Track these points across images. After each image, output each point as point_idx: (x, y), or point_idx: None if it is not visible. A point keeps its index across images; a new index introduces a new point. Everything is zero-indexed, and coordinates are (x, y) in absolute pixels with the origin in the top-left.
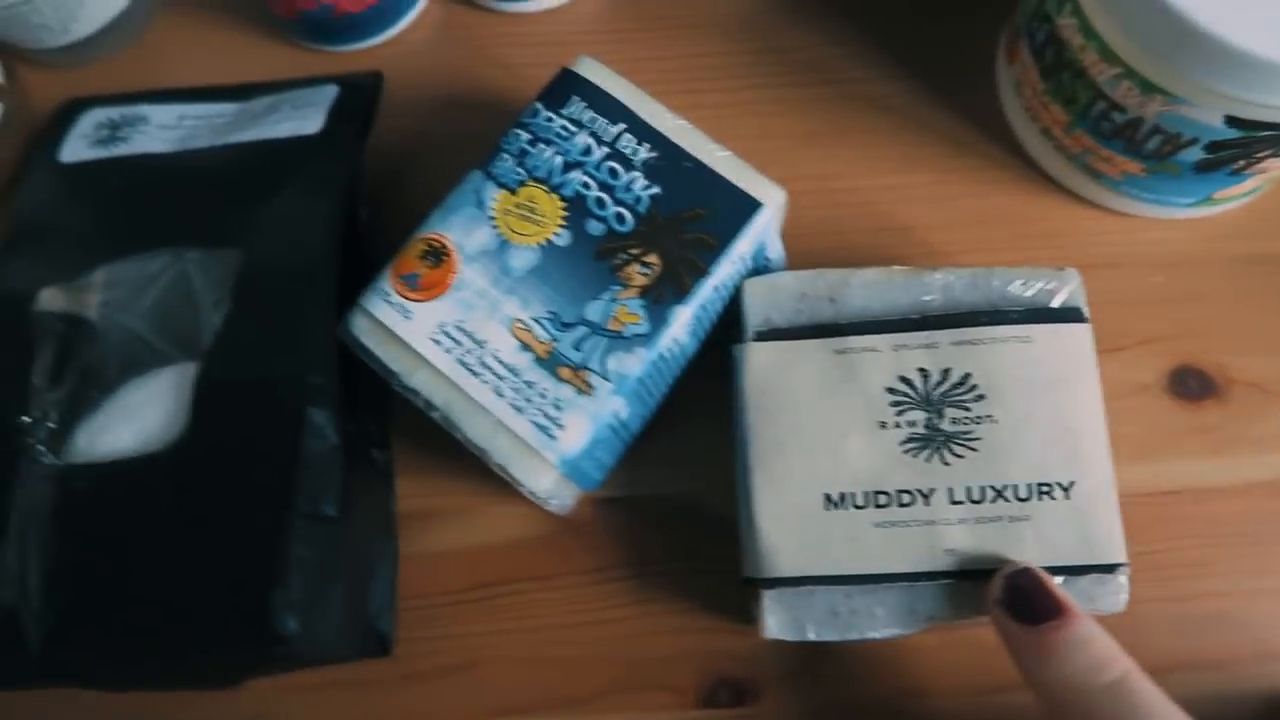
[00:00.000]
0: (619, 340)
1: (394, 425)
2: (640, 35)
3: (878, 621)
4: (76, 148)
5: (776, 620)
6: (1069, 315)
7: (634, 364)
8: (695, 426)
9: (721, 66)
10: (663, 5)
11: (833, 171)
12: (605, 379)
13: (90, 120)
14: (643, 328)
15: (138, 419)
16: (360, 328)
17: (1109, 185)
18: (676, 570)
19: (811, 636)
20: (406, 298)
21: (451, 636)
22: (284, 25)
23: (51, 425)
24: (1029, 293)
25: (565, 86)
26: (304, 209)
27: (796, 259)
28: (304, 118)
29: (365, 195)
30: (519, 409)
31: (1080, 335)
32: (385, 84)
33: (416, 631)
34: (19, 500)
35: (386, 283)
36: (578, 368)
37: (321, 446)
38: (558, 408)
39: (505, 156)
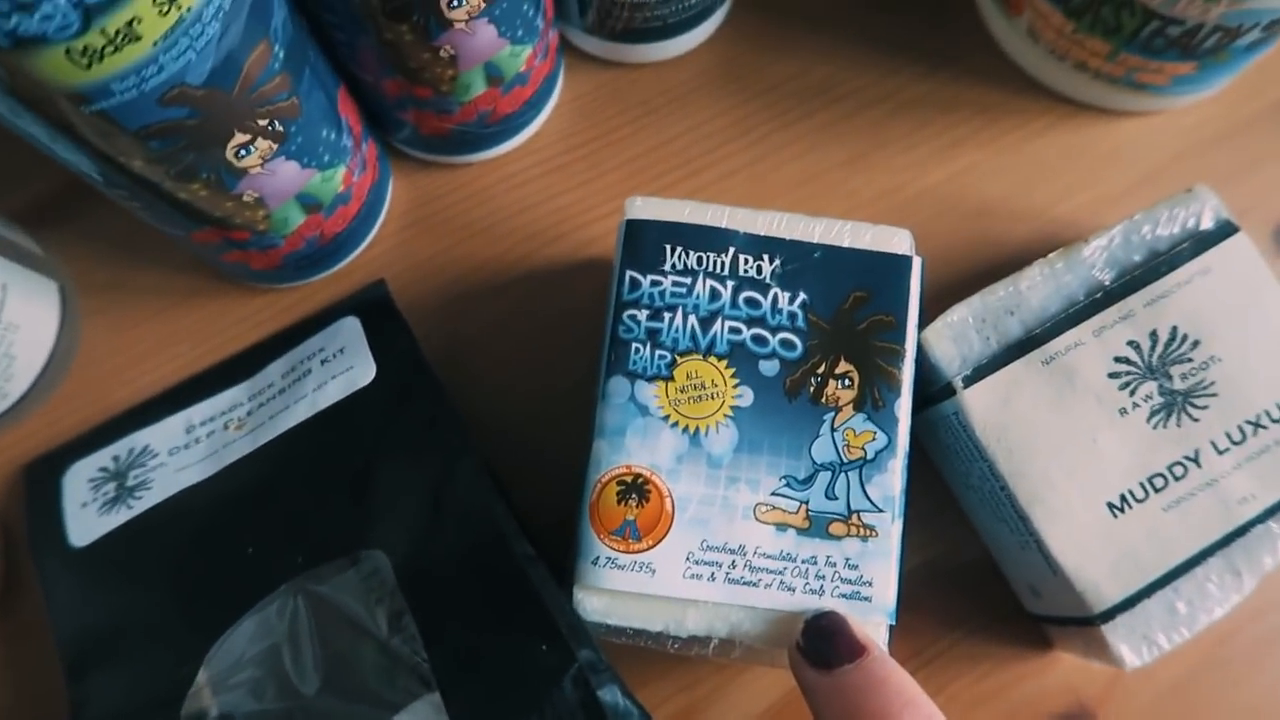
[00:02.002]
0: (868, 465)
1: None
2: (623, 131)
3: (1214, 598)
4: (84, 523)
5: (1129, 648)
6: (1225, 230)
7: (894, 480)
8: None
9: (724, 129)
10: (628, 92)
11: (896, 184)
12: (879, 509)
13: (79, 481)
14: (880, 440)
15: None
16: (598, 609)
17: (1154, 92)
18: (955, 640)
19: (1167, 646)
20: (635, 551)
21: None
22: (249, 275)
23: None
24: (1178, 227)
25: (643, 240)
26: (431, 469)
27: None
28: (348, 366)
29: None
30: (817, 592)
31: (1243, 244)
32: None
33: None
34: None
35: (600, 548)
36: (846, 517)
37: None
38: (852, 566)
39: (635, 347)
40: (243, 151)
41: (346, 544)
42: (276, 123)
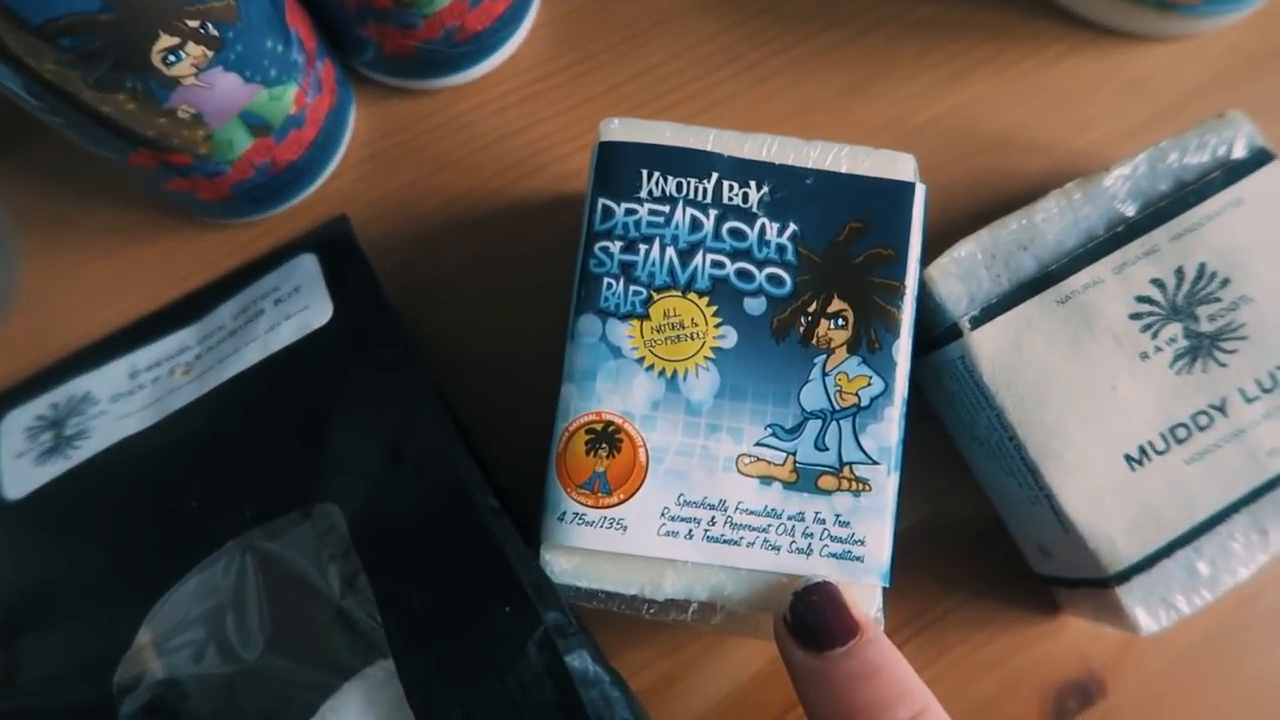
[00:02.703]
0: (861, 412)
1: None
2: (605, 56)
3: (1238, 558)
4: (20, 473)
5: (1145, 612)
6: (1260, 158)
7: (890, 429)
8: None
9: (714, 54)
10: (611, 12)
11: (901, 114)
12: (874, 461)
13: (14, 430)
14: (876, 385)
15: None
16: (567, 570)
17: (1183, 13)
18: (955, 604)
19: (1187, 610)
20: (606, 506)
21: None
22: (199, 208)
23: None
24: (1208, 155)
25: (617, 164)
26: (390, 417)
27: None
28: (302, 308)
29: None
30: (804, 551)
31: (1278, 173)
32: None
33: None
34: None
35: (568, 503)
36: (837, 469)
37: (600, 694)
38: (844, 524)
39: (607, 281)
40: (171, 57)
41: (298, 497)
42: (210, 25)
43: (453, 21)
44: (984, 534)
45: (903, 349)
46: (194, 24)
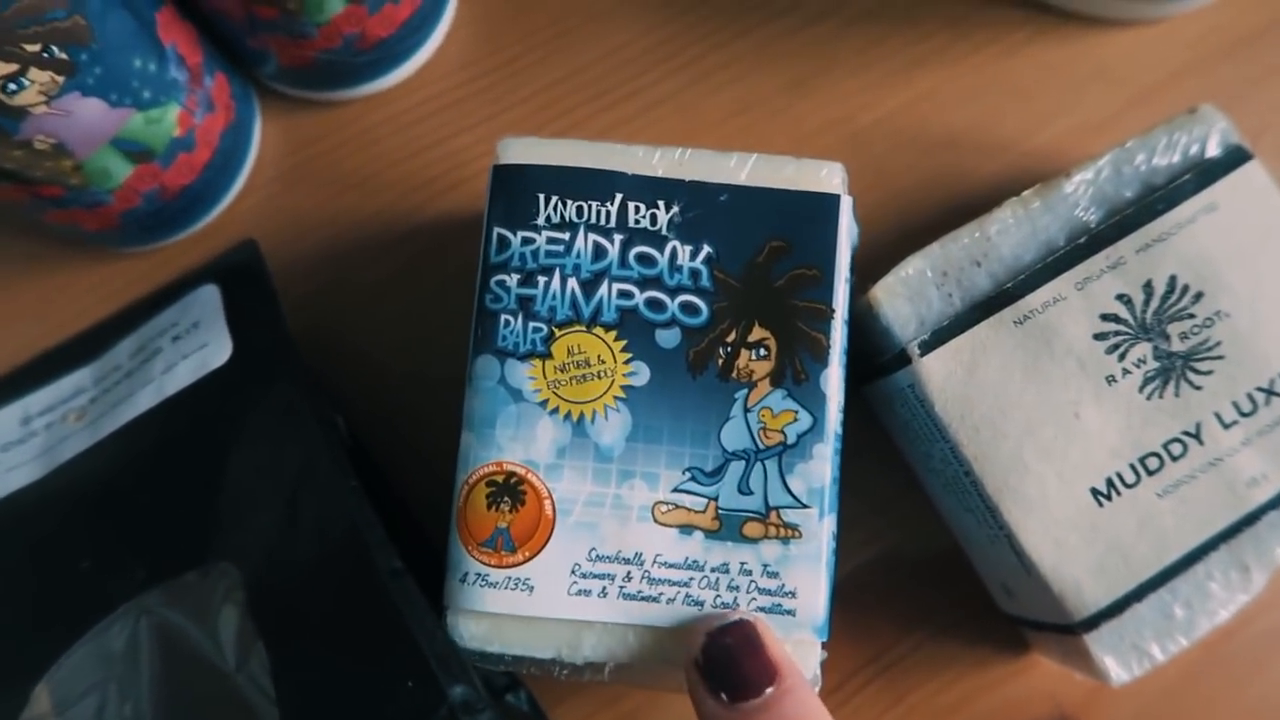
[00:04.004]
0: (789, 451)
1: None
2: (530, 58)
3: (1217, 599)
4: None
5: (1116, 660)
6: (1235, 157)
7: (822, 469)
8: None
9: (648, 51)
10: (535, 10)
11: (843, 114)
12: (804, 505)
13: None
14: (804, 420)
15: None
16: (476, 635)
17: None
18: (916, 643)
19: (1161, 658)
20: (510, 565)
21: None
22: (89, 238)
23: None
24: (1179, 155)
25: (512, 189)
26: (289, 465)
27: (868, 232)
28: (200, 344)
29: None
30: (730, 606)
31: (1256, 174)
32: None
33: None
34: None
35: (469, 563)
36: (763, 515)
37: None
38: (772, 575)
39: (504, 318)
40: (11, 85)
41: (193, 556)
42: (55, 49)
43: (351, 29)
44: (946, 566)
45: (833, 379)
46: (33, 48)
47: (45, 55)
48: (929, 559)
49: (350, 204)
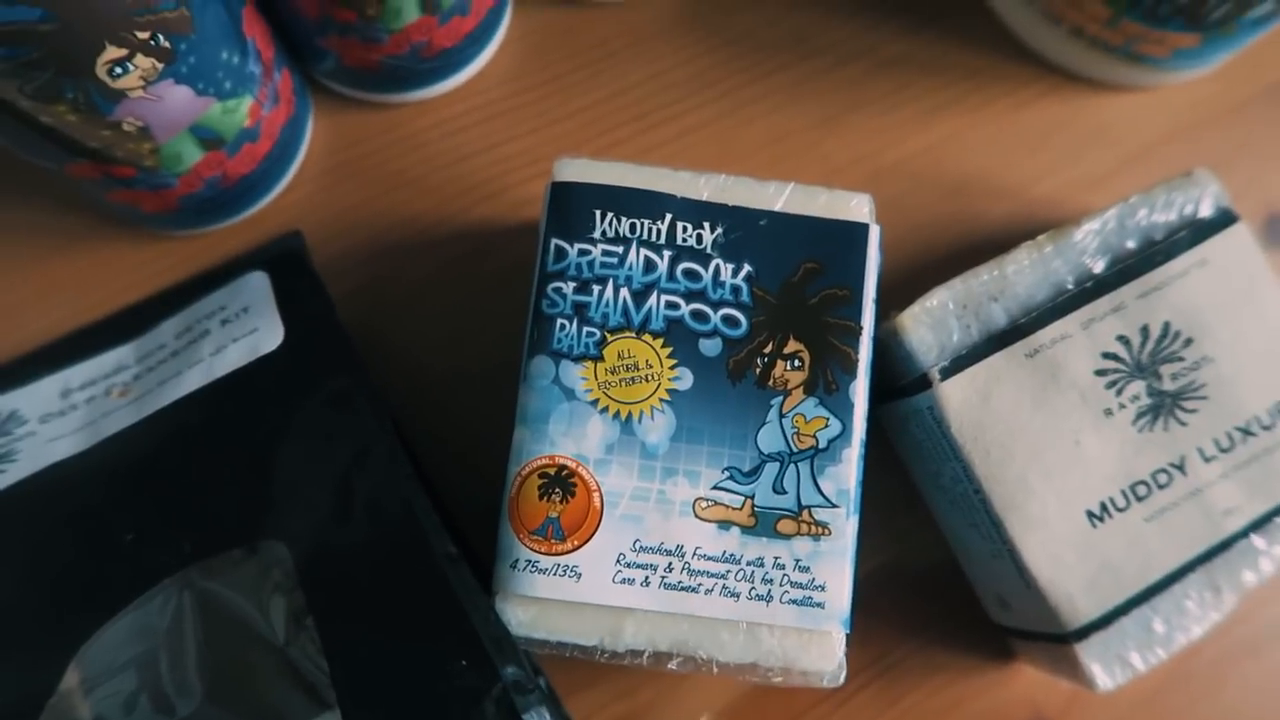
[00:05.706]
0: (819, 455)
1: None
2: (575, 76)
3: (1192, 616)
4: None
5: (1102, 668)
6: (1224, 220)
7: (849, 471)
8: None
9: (690, 79)
10: (583, 32)
11: (869, 151)
12: (833, 505)
13: None
14: (834, 427)
15: None
16: (524, 621)
17: (1152, 65)
18: (913, 649)
19: (1142, 668)
20: (559, 553)
21: None
22: (142, 220)
23: None
24: (1175, 214)
25: (570, 205)
26: (342, 451)
27: (885, 261)
28: (250, 329)
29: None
30: (764, 598)
31: (1242, 235)
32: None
33: None
34: None
35: (521, 550)
36: (796, 513)
37: None
38: (804, 569)
39: (560, 323)
40: (118, 69)
41: (241, 533)
42: (161, 37)
43: (420, 38)
44: (943, 579)
45: (860, 390)
46: (144, 35)
47: (152, 43)
48: (926, 571)
49: (394, 204)
